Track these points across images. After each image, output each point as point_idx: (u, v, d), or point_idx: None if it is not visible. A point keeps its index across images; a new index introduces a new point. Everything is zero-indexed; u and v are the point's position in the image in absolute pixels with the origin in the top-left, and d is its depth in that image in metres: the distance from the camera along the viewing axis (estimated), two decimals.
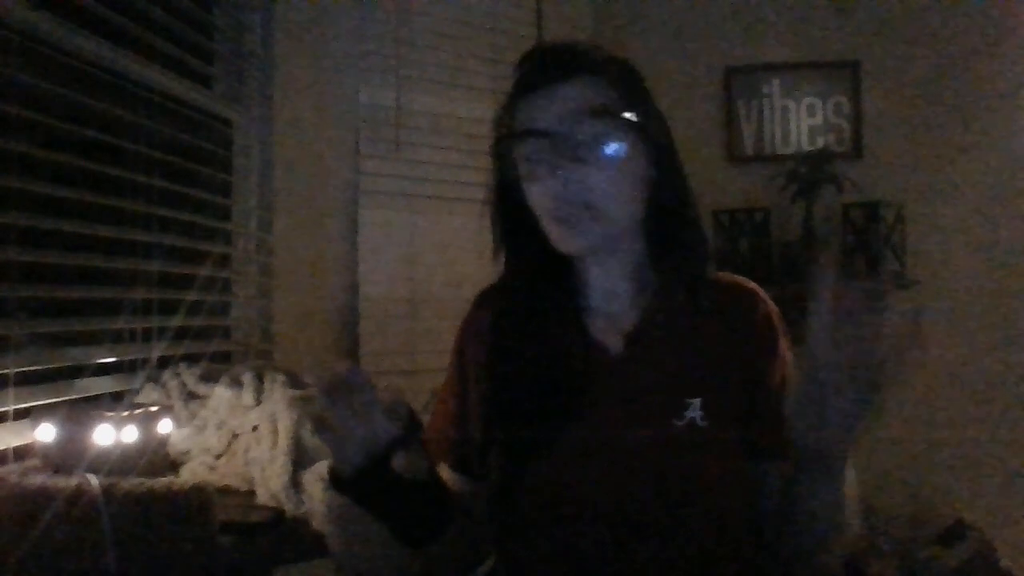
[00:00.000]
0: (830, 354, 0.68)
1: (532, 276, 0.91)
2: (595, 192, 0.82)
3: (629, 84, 0.87)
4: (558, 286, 0.92)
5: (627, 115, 0.84)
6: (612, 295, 0.91)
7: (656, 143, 0.87)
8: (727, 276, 0.93)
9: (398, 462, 0.73)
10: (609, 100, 0.83)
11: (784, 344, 0.89)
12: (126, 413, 1.02)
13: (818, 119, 2.70)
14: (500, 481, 0.87)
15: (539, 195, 0.84)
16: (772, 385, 0.86)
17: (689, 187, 0.91)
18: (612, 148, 0.83)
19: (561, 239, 0.85)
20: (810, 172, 2.45)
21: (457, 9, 2.19)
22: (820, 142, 2.67)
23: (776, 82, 2.71)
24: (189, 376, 1.33)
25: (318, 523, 1.07)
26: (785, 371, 0.87)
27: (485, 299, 0.97)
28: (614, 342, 0.88)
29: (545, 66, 0.85)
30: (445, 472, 0.95)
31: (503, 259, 0.93)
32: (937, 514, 2.46)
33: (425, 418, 0.91)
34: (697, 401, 0.83)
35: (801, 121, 2.71)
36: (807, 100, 2.71)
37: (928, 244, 2.57)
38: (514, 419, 0.87)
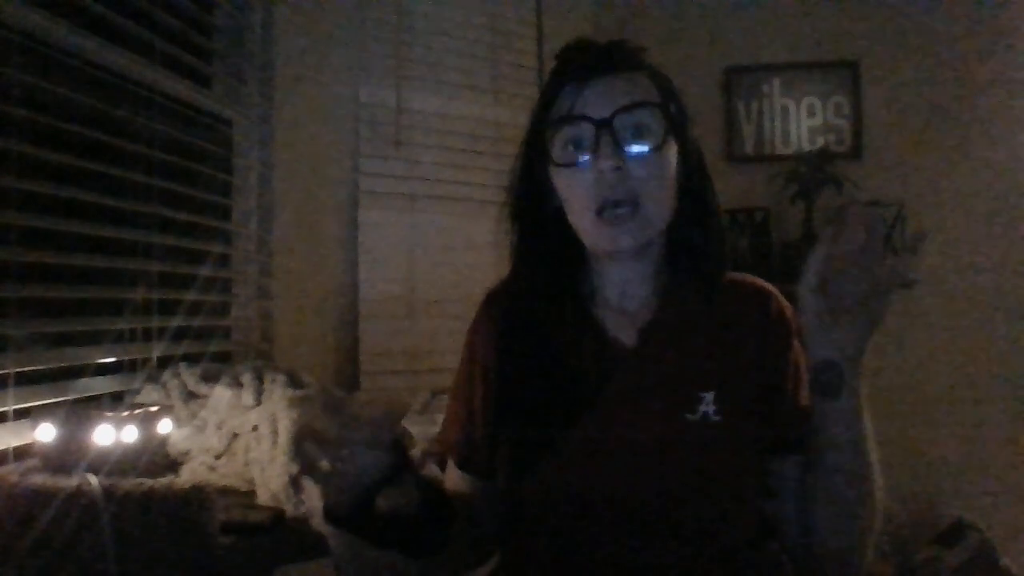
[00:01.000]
0: (842, 270, 0.72)
1: (545, 271, 0.91)
2: (643, 188, 0.82)
3: (666, 84, 0.88)
4: (571, 281, 0.92)
5: (674, 112, 0.85)
6: (627, 291, 0.90)
7: (689, 144, 0.88)
8: (741, 276, 0.93)
9: (384, 502, 0.72)
10: (655, 94, 0.84)
11: (797, 341, 0.88)
12: (126, 413, 1.02)
13: (818, 119, 2.70)
14: (511, 479, 0.86)
15: (583, 186, 0.83)
16: (786, 381, 0.86)
17: (714, 189, 0.91)
18: (661, 138, 0.83)
19: (602, 236, 0.84)
20: (810, 172, 2.46)
21: (457, 9, 2.19)
22: (820, 142, 2.67)
23: (776, 82, 2.72)
24: (189, 376, 1.33)
25: (318, 523, 1.07)
26: (798, 368, 0.87)
27: (495, 296, 0.97)
28: (628, 336, 0.88)
29: (593, 58, 0.85)
30: (453, 472, 0.95)
31: (515, 253, 0.93)
32: (937, 514, 2.46)
33: (424, 418, 0.92)
34: (710, 395, 0.83)
35: (801, 121, 2.71)
36: (807, 100, 2.71)
37: (928, 244, 2.57)
38: (526, 415, 0.86)
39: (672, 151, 0.85)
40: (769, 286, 0.92)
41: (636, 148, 0.82)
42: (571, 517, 0.82)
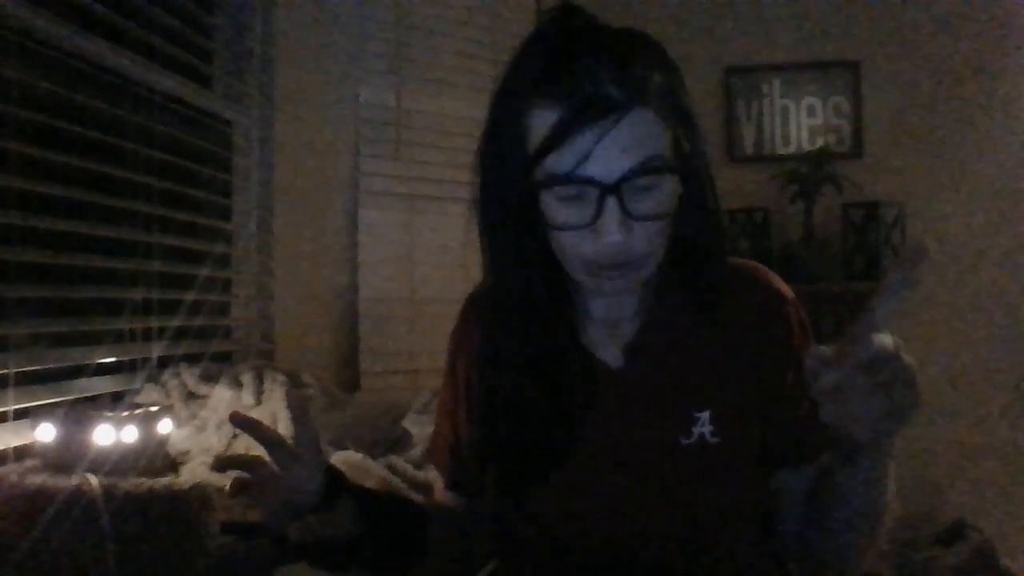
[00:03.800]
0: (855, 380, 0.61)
1: (524, 281, 0.81)
2: (647, 246, 0.72)
3: (676, 98, 0.75)
4: (552, 292, 0.82)
5: (684, 157, 0.74)
6: (612, 303, 0.83)
7: (698, 160, 0.77)
8: (738, 263, 0.85)
9: (294, 530, 0.73)
10: (667, 140, 0.72)
11: (800, 334, 0.82)
12: (126, 413, 1.02)
13: (818, 119, 2.70)
14: (498, 503, 0.83)
15: (580, 246, 0.73)
16: (788, 383, 0.80)
17: (716, 197, 0.80)
18: (672, 203, 0.72)
19: (595, 286, 0.76)
20: (810, 172, 2.45)
21: (457, 9, 2.20)
22: (820, 142, 2.67)
23: (776, 82, 2.71)
24: (189, 376, 1.33)
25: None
26: (801, 368, 0.78)
27: (475, 305, 0.91)
28: (612, 354, 0.82)
29: (593, 88, 0.69)
30: (439, 490, 0.93)
31: (491, 262, 0.83)
32: (937, 514, 2.46)
33: (424, 419, 0.91)
34: (706, 414, 0.77)
35: (801, 121, 2.71)
36: (807, 100, 2.71)
37: (928, 244, 2.57)
38: (508, 442, 0.81)
39: (678, 192, 0.74)
40: (766, 273, 0.85)
41: (644, 213, 0.70)
42: (564, 550, 0.79)
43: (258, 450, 0.74)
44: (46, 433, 0.97)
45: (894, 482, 0.76)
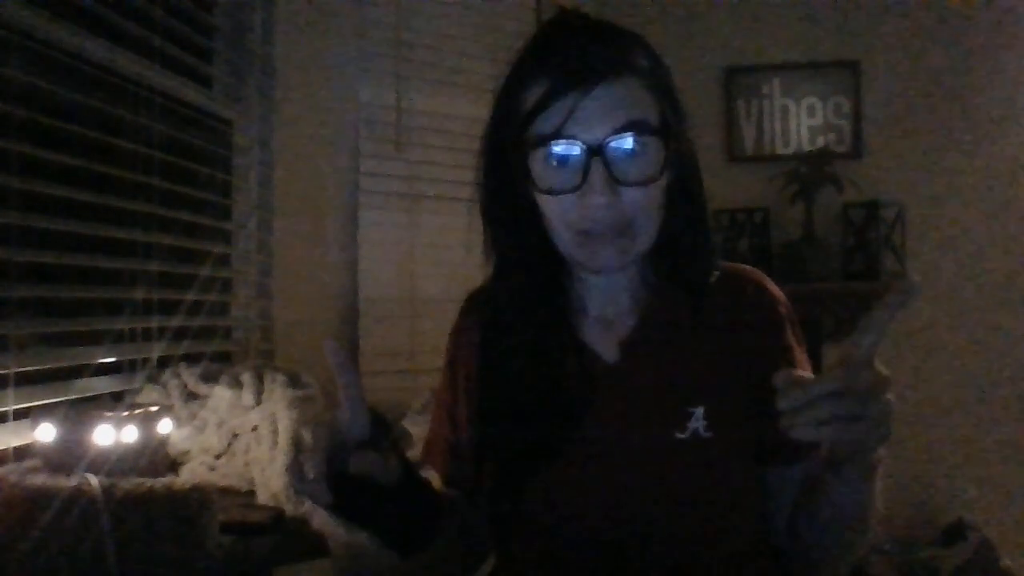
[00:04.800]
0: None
1: (523, 279, 0.85)
2: (632, 215, 0.75)
3: (664, 84, 0.79)
4: (550, 290, 0.86)
5: (670, 128, 0.77)
6: (608, 299, 0.85)
7: (683, 146, 0.81)
8: (730, 266, 0.88)
9: (357, 463, 0.69)
10: (652, 109, 0.76)
11: (791, 334, 0.84)
12: (126, 413, 1.02)
13: (818, 119, 2.70)
14: (495, 500, 0.84)
15: (568, 212, 0.76)
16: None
17: (703, 190, 0.84)
18: (658, 169, 0.75)
19: (588, 260, 0.78)
20: (810, 172, 2.45)
21: (457, 9, 2.19)
22: (820, 142, 2.67)
23: (776, 82, 2.71)
24: (189, 376, 1.33)
25: (318, 523, 1.08)
26: (795, 362, 0.82)
27: (474, 304, 0.93)
28: (609, 350, 0.83)
29: (581, 59, 0.74)
30: (438, 484, 0.93)
31: (493, 259, 0.87)
32: (937, 514, 2.46)
33: (424, 419, 0.91)
34: (700, 410, 0.78)
35: (801, 121, 2.71)
36: (807, 100, 2.71)
37: (928, 244, 2.57)
38: (506, 436, 0.83)
39: (666, 173, 0.77)
40: (758, 275, 0.87)
41: (630, 178, 0.74)
42: (561, 542, 0.80)
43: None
44: (46, 433, 0.97)
45: (881, 491, 0.77)
